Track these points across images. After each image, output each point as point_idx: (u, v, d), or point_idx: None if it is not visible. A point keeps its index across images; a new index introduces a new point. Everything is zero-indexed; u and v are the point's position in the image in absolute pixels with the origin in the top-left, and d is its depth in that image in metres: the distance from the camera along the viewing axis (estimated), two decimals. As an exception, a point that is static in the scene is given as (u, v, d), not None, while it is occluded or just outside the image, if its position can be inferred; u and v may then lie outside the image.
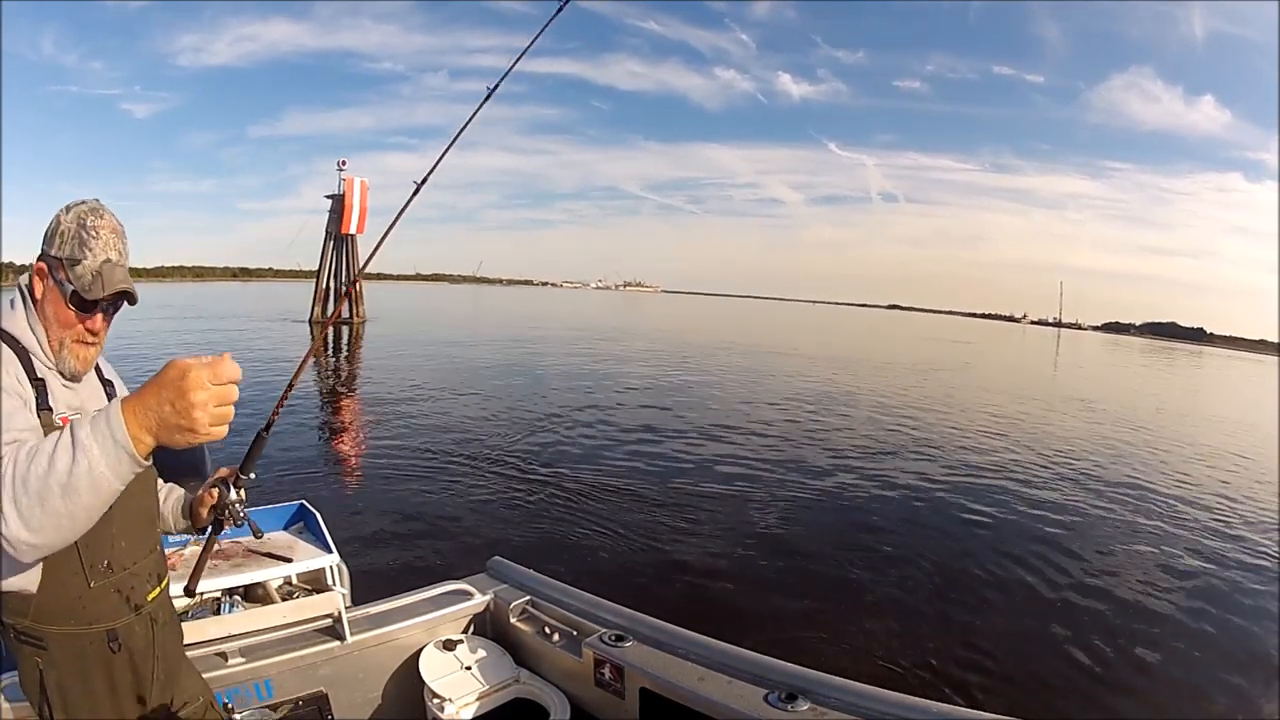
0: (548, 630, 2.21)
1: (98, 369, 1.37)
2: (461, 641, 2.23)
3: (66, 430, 0.92)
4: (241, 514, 1.35)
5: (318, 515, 2.38)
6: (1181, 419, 16.48)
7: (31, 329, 1.22)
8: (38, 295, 1.22)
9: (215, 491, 1.38)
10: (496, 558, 2.55)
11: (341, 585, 2.21)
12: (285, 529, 2.42)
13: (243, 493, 1.36)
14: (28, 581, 1.18)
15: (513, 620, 2.28)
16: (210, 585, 2.07)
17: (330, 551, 2.24)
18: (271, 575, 2.18)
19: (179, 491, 1.58)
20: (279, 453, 8.40)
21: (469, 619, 2.33)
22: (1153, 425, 14.25)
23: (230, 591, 2.17)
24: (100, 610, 1.24)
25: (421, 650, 2.19)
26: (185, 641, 1.98)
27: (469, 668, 2.14)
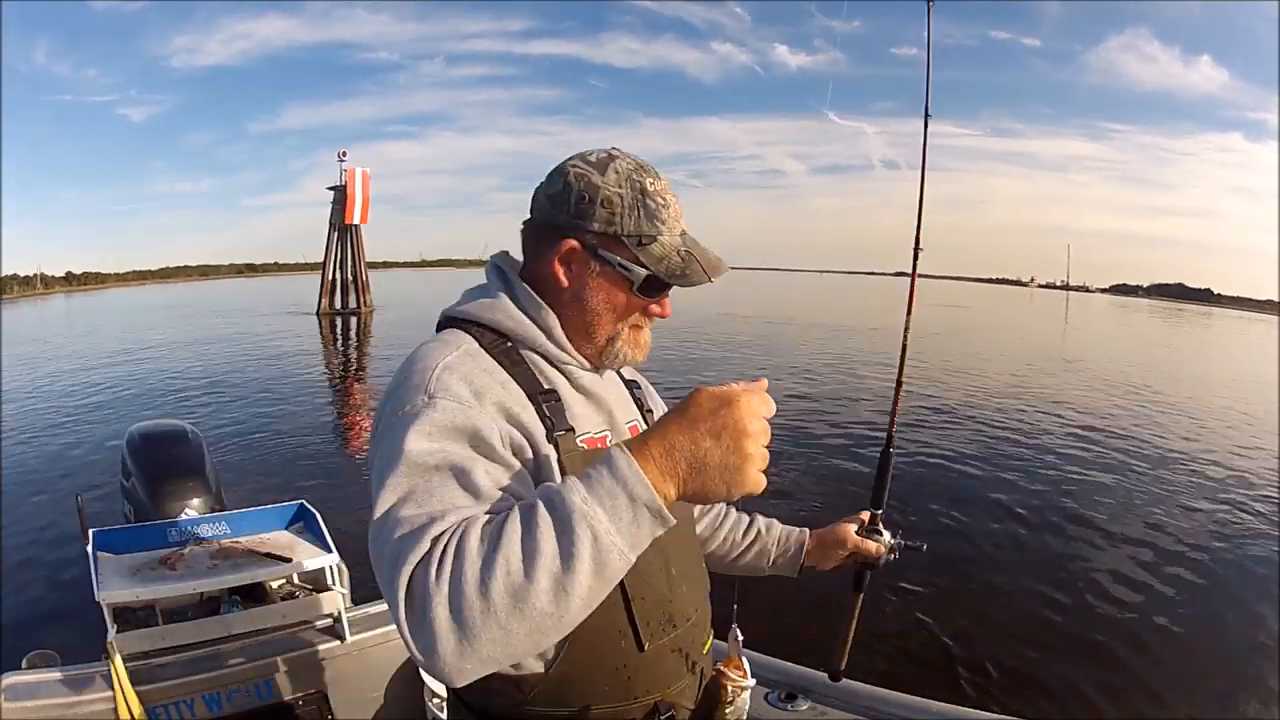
0: (548, 630, 2.21)
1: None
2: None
3: (539, 501, 0.65)
4: (893, 557, 1.14)
5: (318, 515, 2.38)
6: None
7: (531, 316, 0.91)
8: (563, 283, 0.90)
9: (876, 545, 1.14)
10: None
11: (341, 585, 2.20)
12: (285, 529, 2.42)
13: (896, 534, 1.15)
14: (532, 663, 0.84)
15: (513, 620, 2.27)
16: (210, 585, 2.07)
17: (330, 551, 2.24)
18: (271, 575, 2.18)
19: (746, 524, 1.24)
20: (279, 451, 8.44)
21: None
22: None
23: (230, 591, 2.17)
24: (651, 679, 0.90)
25: (421, 650, 2.19)
26: (185, 641, 2.00)
27: (469, 668, 2.14)
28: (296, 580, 2.29)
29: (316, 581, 2.26)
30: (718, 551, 1.23)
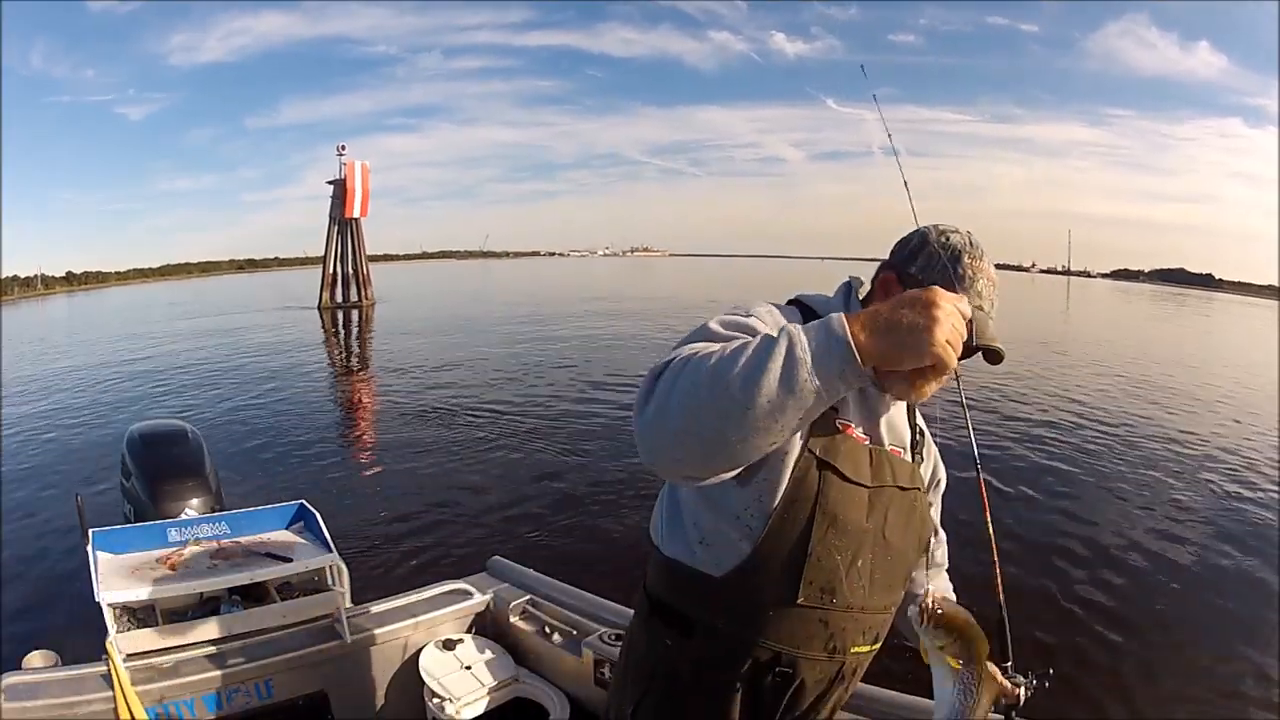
0: (547, 630, 2.22)
1: (910, 409, 1.17)
2: (461, 641, 2.23)
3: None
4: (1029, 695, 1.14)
5: (317, 515, 2.39)
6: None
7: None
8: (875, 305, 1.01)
9: (1015, 687, 1.13)
10: (496, 557, 2.55)
11: (341, 585, 2.20)
12: (285, 529, 2.42)
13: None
14: (711, 562, 1.02)
15: (513, 620, 2.28)
16: (210, 585, 2.07)
17: (330, 551, 2.25)
18: (271, 575, 2.18)
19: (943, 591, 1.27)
20: (279, 451, 8.43)
21: (469, 618, 2.34)
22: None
23: (230, 591, 2.17)
24: (787, 631, 1.01)
25: (421, 650, 2.19)
26: (185, 641, 2.01)
27: (469, 667, 2.14)
28: (296, 580, 2.29)
29: (316, 581, 2.27)
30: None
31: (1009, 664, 1.24)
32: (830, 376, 0.76)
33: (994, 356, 1.00)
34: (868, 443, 1.05)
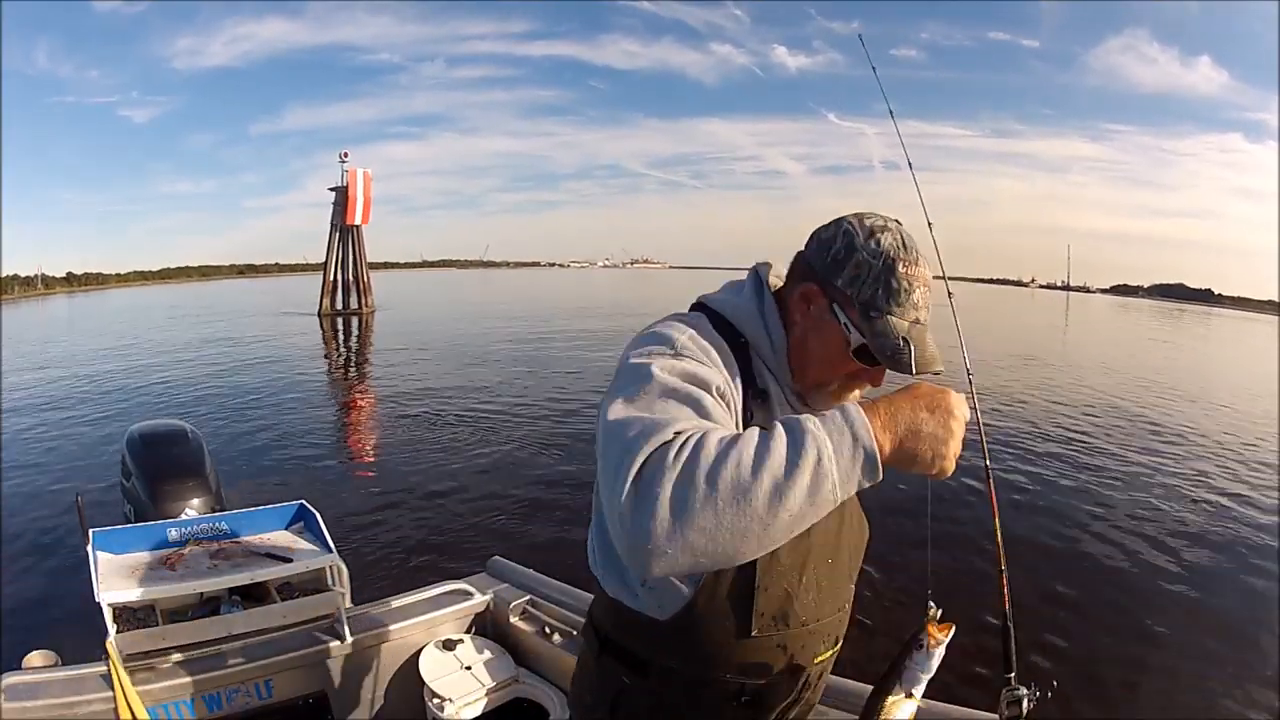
0: (547, 630, 2.21)
1: None
2: (461, 641, 2.23)
3: (778, 422, 0.73)
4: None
5: (317, 515, 2.38)
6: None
7: (767, 329, 0.98)
8: (794, 317, 0.98)
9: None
10: (496, 557, 2.55)
11: (341, 585, 2.20)
12: (285, 529, 2.42)
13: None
14: (654, 605, 0.96)
15: (513, 620, 2.28)
16: (210, 585, 2.07)
17: (330, 551, 2.24)
18: (271, 575, 2.18)
19: None
20: (279, 451, 8.42)
21: (469, 619, 2.33)
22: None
23: (230, 591, 2.17)
24: (747, 664, 0.98)
25: (421, 650, 2.19)
26: (185, 641, 2.00)
27: (469, 667, 2.14)
28: (296, 580, 2.28)
29: (316, 581, 2.26)
30: None
31: (1012, 674, 1.24)
32: (851, 485, 0.73)
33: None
34: None
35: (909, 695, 0.93)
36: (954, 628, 0.94)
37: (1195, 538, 6.15)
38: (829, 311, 0.94)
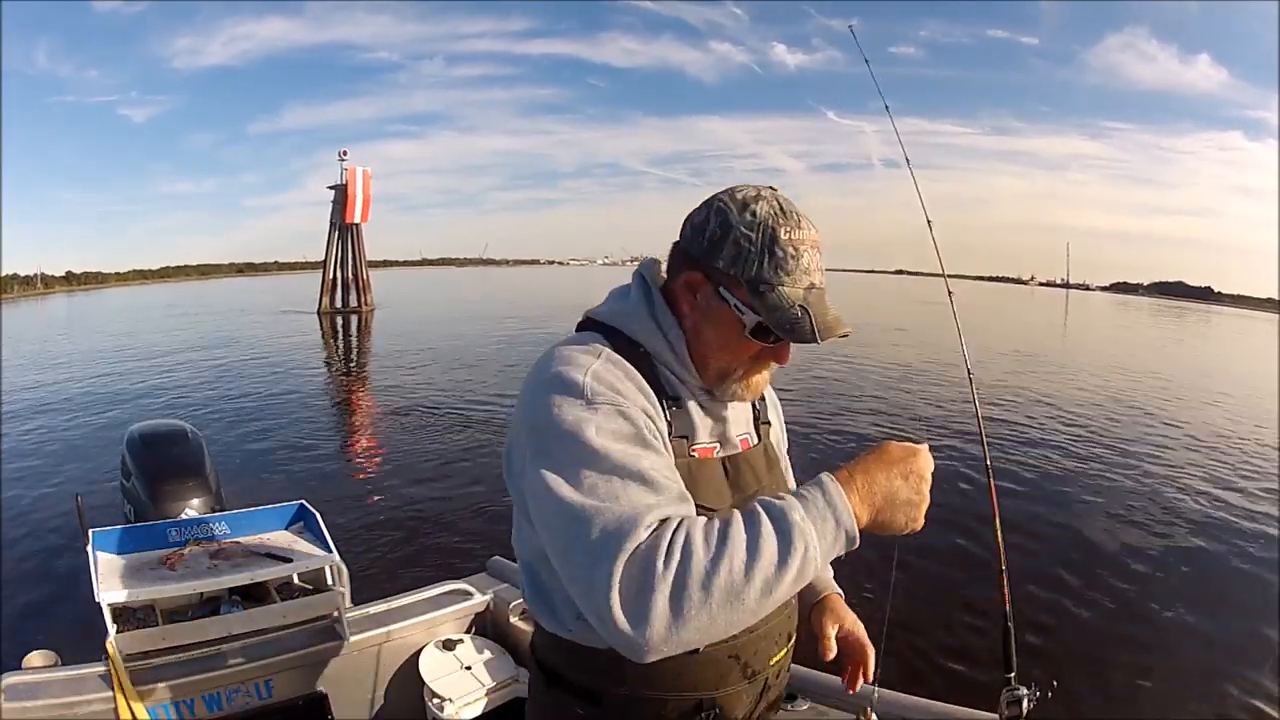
0: (548, 630, 2.21)
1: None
2: (461, 641, 2.23)
3: (763, 511, 0.75)
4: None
5: (317, 515, 2.38)
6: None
7: (663, 331, 0.95)
8: (684, 310, 0.95)
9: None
10: (496, 557, 2.55)
11: (341, 585, 2.20)
12: (285, 529, 2.42)
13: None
14: (592, 636, 0.89)
15: (513, 620, 2.28)
16: (210, 585, 2.07)
17: (330, 551, 2.24)
18: (271, 575, 2.18)
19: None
20: (279, 451, 8.42)
21: (469, 619, 2.33)
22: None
23: (230, 591, 2.17)
24: (701, 678, 0.95)
25: (421, 650, 2.19)
26: (185, 641, 2.00)
27: (469, 668, 2.14)
28: (296, 580, 2.28)
29: (316, 581, 2.26)
30: None
31: (1012, 674, 1.24)
32: (830, 559, 0.77)
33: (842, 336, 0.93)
34: (717, 451, 0.98)
35: None
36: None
37: (1196, 536, 6.15)
38: (716, 297, 0.91)
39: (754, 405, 1.08)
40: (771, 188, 0.93)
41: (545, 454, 0.82)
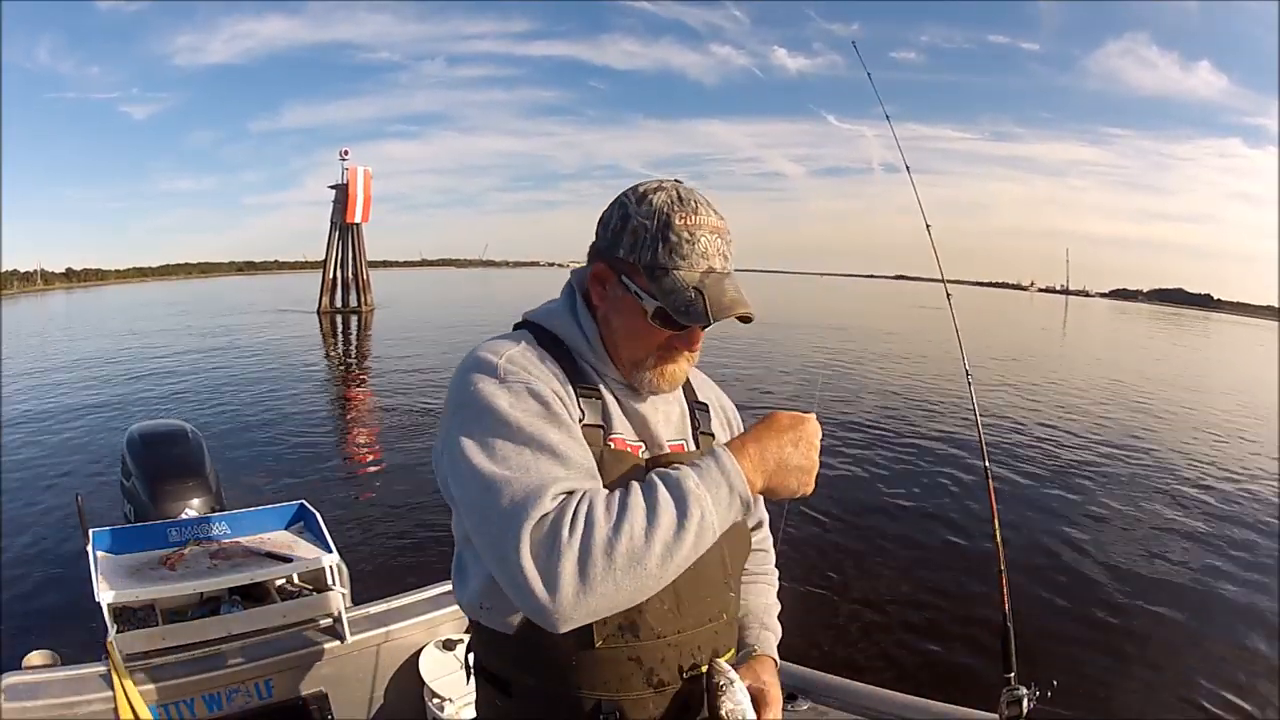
0: (547, 630, 2.21)
1: (686, 384, 1.08)
2: (461, 641, 2.23)
3: (659, 480, 0.80)
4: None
5: (318, 515, 2.38)
6: None
7: (580, 327, 0.99)
8: (595, 302, 0.98)
9: None
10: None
11: (341, 585, 2.20)
12: (285, 529, 2.42)
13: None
14: (499, 619, 0.94)
15: (513, 620, 2.28)
16: (210, 585, 2.07)
17: (330, 551, 2.24)
18: (271, 575, 2.18)
19: (755, 583, 1.19)
20: (279, 451, 8.42)
21: (469, 619, 2.33)
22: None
23: (230, 591, 2.17)
24: (598, 677, 0.92)
25: (421, 650, 2.19)
26: (185, 641, 2.00)
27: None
28: (296, 580, 2.29)
29: (316, 581, 2.26)
30: None
31: (1012, 674, 1.24)
32: (728, 524, 0.82)
33: (744, 319, 0.94)
34: (642, 450, 0.97)
35: None
36: (733, 655, 1.01)
37: (1196, 536, 6.16)
38: (620, 285, 0.94)
39: (694, 413, 1.07)
40: (676, 180, 0.96)
41: (462, 426, 0.87)
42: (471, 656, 1.05)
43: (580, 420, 0.91)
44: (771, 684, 1.02)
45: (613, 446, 0.94)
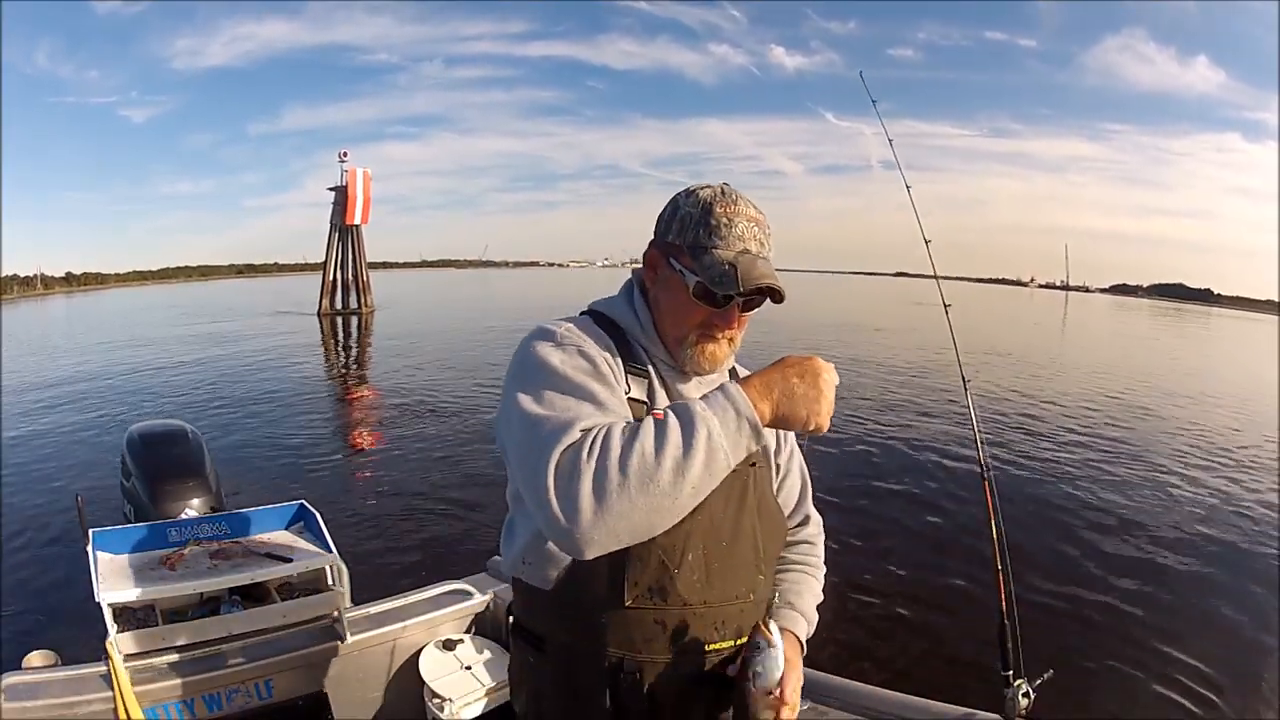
0: (548, 630, 2.21)
1: (732, 371, 1.19)
2: (461, 641, 2.23)
3: (669, 410, 0.85)
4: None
5: (318, 515, 2.38)
6: None
7: (634, 310, 1.10)
8: (649, 284, 1.10)
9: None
10: (496, 557, 2.55)
11: (341, 585, 2.20)
12: (285, 529, 2.42)
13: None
14: (538, 576, 1.04)
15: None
16: (210, 585, 2.07)
17: (330, 551, 2.24)
18: (271, 575, 2.18)
19: (791, 571, 1.23)
20: (279, 451, 8.42)
21: (469, 619, 2.34)
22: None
23: (230, 591, 2.17)
24: (624, 636, 0.99)
25: (421, 650, 2.19)
26: (185, 641, 2.00)
27: (469, 668, 2.14)
28: (296, 580, 2.29)
29: (316, 581, 2.26)
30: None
31: (1012, 672, 1.24)
32: (741, 451, 0.85)
33: (775, 296, 1.01)
34: None
35: (768, 694, 0.95)
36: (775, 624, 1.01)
37: (1196, 535, 6.15)
38: (668, 266, 1.05)
39: None
40: (726, 184, 1.07)
41: (517, 380, 0.96)
42: (510, 619, 1.15)
43: (626, 393, 1.00)
44: (794, 662, 1.06)
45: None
